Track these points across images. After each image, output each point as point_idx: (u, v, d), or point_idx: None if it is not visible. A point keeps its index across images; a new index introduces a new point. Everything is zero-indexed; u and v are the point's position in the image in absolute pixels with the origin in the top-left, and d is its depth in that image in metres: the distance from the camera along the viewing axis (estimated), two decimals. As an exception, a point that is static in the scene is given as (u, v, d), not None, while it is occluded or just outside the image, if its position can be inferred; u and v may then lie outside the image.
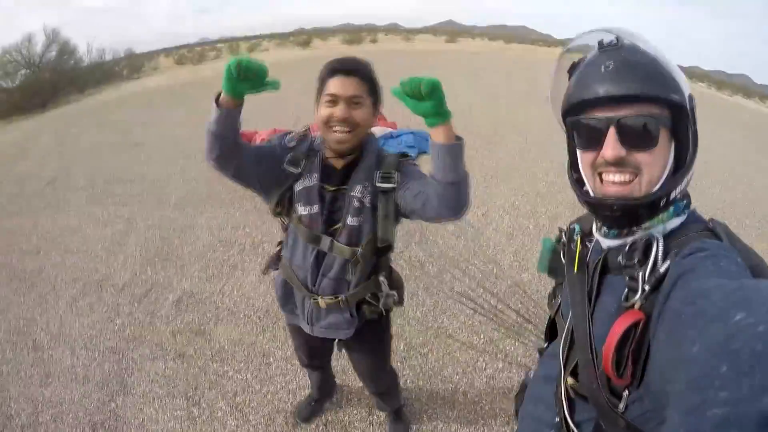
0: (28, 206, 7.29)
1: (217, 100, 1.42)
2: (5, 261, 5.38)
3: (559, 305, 1.16)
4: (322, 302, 1.71)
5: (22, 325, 4.10)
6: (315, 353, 2.19)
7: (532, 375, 1.28)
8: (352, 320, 1.78)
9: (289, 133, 1.71)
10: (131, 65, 33.91)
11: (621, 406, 0.81)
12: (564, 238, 1.13)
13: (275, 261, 1.93)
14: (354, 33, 41.54)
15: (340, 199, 1.62)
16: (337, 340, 1.91)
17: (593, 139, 0.86)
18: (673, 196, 0.85)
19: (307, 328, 1.85)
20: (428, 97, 1.22)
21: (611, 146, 0.82)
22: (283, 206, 1.68)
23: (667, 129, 0.83)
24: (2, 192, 8.29)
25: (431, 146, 1.36)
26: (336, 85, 1.50)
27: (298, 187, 1.62)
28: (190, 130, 10.26)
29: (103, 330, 3.80)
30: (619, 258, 0.87)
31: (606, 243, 0.96)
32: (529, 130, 9.33)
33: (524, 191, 6.11)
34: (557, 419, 1.01)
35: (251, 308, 3.76)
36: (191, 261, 4.64)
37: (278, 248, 1.92)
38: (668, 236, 0.84)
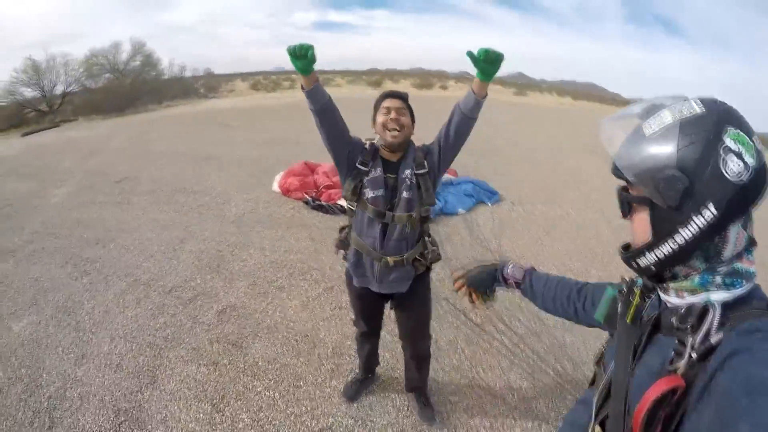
0: (95, 200, 8.17)
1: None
2: (66, 245, 6.09)
3: (602, 354, 1.23)
4: (390, 260, 2.38)
5: (69, 306, 4.61)
6: (373, 314, 2.85)
7: (561, 424, 1.33)
8: (410, 274, 2.48)
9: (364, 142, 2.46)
10: (208, 84, 37.00)
11: None
12: (625, 289, 1.16)
13: (344, 241, 2.58)
14: (424, 78, 43.01)
15: (396, 183, 2.33)
16: (389, 302, 2.70)
17: None
18: (643, 263, 0.96)
19: (375, 286, 2.49)
20: (496, 63, 2.02)
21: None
22: (355, 193, 2.34)
23: (643, 206, 0.94)
24: (74, 184, 9.34)
25: (471, 91, 2.19)
26: (388, 102, 2.35)
27: (367, 177, 2.32)
28: (257, 151, 11.14)
29: (144, 325, 4.18)
30: (673, 319, 0.90)
31: (665, 298, 1.00)
32: (589, 184, 9.45)
33: (578, 250, 6.12)
34: None
35: (291, 330, 3.99)
36: (240, 276, 4.99)
37: (343, 231, 2.60)
38: (727, 308, 0.86)
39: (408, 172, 2.32)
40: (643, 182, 0.90)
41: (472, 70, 2.07)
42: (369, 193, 2.31)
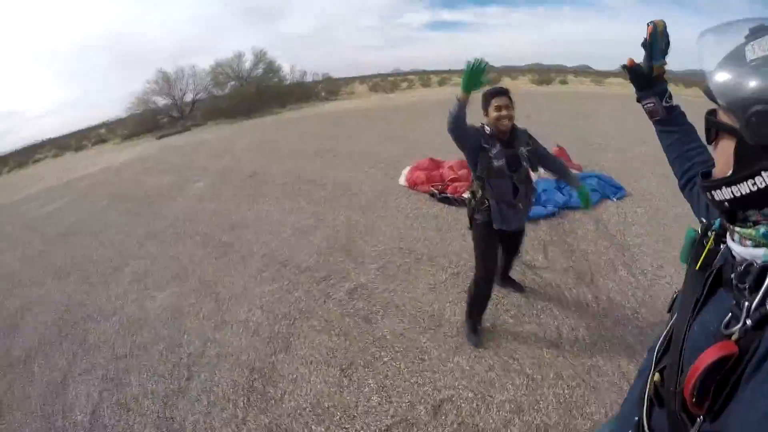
0: (228, 193, 9.30)
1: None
2: (205, 231, 7.04)
3: (674, 300, 1.21)
4: (521, 206, 3.44)
5: (209, 281, 5.34)
6: (496, 253, 3.73)
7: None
8: (527, 213, 3.64)
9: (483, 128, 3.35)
10: (328, 88, 39.37)
11: (692, 431, 0.87)
12: (700, 231, 1.12)
13: (481, 201, 3.45)
14: (543, 73, 41.74)
15: (511, 155, 3.31)
16: (509, 234, 3.60)
17: None
18: (718, 197, 0.92)
19: (512, 225, 3.45)
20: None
21: None
22: (483, 166, 3.31)
23: (731, 135, 0.89)
24: (208, 179, 10.61)
25: (569, 184, 3.72)
26: (498, 99, 3.23)
27: (491, 153, 3.28)
28: (382, 148, 11.80)
29: (280, 299, 4.73)
30: (733, 275, 0.89)
31: (730, 244, 0.96)
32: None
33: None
34: (636, 418, 1.12)
35: (418, 310, 4.26)
36: (370, 259, 5.41)
37: (475, 198, 3.50)
38: None
39: (522, 149, 3.35)
40: (733, 111, 0.86)
41: (592, 63, 1.98)
42: (495, 163, 3.29)
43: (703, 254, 1.03)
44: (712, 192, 0.93)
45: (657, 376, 1.04)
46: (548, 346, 3.65)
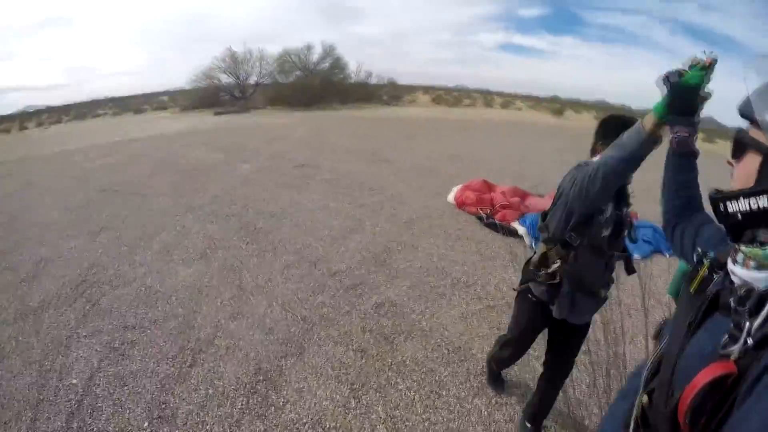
0: (275, 179, 9.23)
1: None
2: (242, 213, 6.92)
3: (661, 327, 1.20)
4: (603, 293, 2.54)
5: (236, 266, 5.17)
6: (532, 339, 2.89)
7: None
8: (604, 302, 2.69)
9: None
10: (391, 93, 39.66)
11: None
12: (695, 259, 1.16)
13: (550, 277, 2.54)
14: (607, 112, 41.61)
15: (619, 222, 2.39)
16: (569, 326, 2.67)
17: None
18: (730, 209, 0.93)
19: (580, 318, 2.57)
20: None
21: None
22: (584, 233, 2.36)
23: (758, 152, 0.92)
24: (257, 162, 10.61)
25: None
26: None
27: (603, 216, 2.32)
28: (436, 162, 11.66)
29: (303, 299, 4.52)
30: (732, 299, 0.89)
31: (731, 268, 0.97)
32: None
33: None
34: None
35: (444, 339, 3.99)
36: (404, 276, 5.15)
37: (545, 266, 2.55)
38: None
39: (626, 209, 2.43)
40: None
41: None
42: (604, 232, 2.35)
43: (698, 279, 1.07)
44: (726, 203, 0.94)
45: (645, 398, 1.04)
46: (577, 405, 3.31)
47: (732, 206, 0.93)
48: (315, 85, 34.45)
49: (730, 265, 0.97)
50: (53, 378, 3.46)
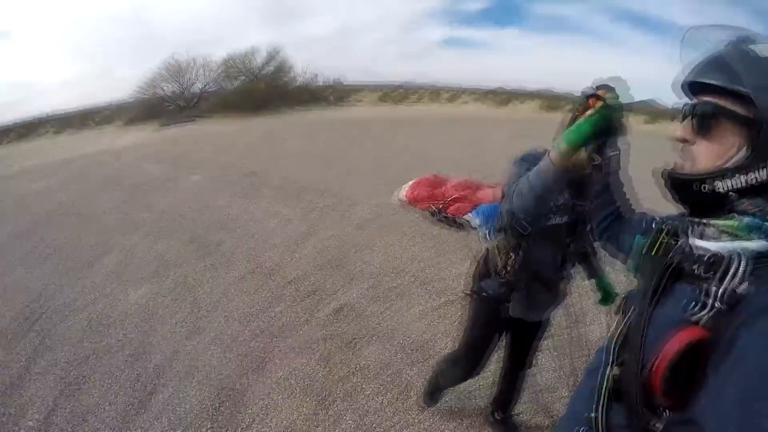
0: (224, 189, 9.01)
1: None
2: (192, 226, 6.74)
3: (624, 301, 1.20)
4: (561, 287, 2.44)
5: (189, 283, 5.03)
6: (491, 347, 2.71)
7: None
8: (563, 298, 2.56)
9: None
10: (338, 93, 39.55)
11: (659, 425, 0.86)
12: (654, 228, 1.17)
13: (503, 273, 2.43)
14: (552, 100, 42.20)
15: (579, 211, 2.17)
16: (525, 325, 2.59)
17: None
18: (720, 188, 0.91)
19: (536, 315, 2.50)
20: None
21: (681, 127, 0.97)
22: None
23: (735, 125, 0.90)
24: (205, 173, 10.36)
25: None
26: None
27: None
28: (385, 160, 11.63)
29: (261, 311, 4.42)
30: (695, 267, 0.91)
31: (694, 242, 0.98)
32: None
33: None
34: (593, 414, 1.05)
35: (407, 339, 3.96)
36: (361, 278, 5.11)
37: (498, 262, 2.43)
38: (755, 259, 0.85)
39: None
40: (761, 99, 0.85)
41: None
42: (553, 220, 2.19)
43: (659, 244, 1.08)
44: (715, 182, 0.91)
45: (616, 370, 1.01)
46: (545, 389, 3.36)
47: (723, 184, 0.91)
48: (261, 90, 33.94)
49: (693, 241, 0.98)
50: (8, 423, 3.30)
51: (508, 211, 1.92)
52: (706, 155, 0.94)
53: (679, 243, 1.05)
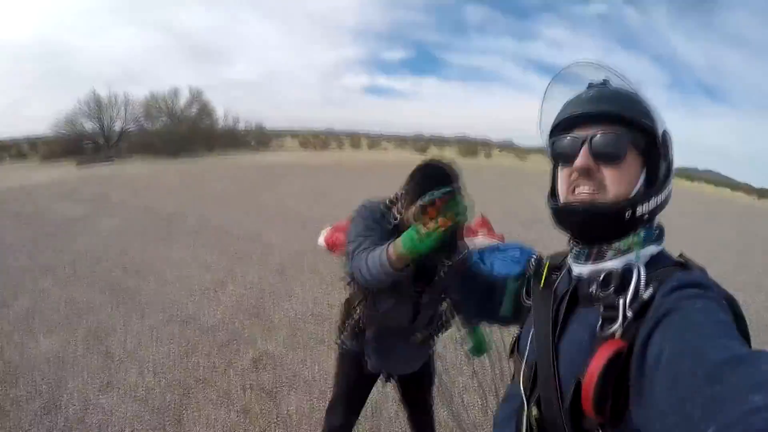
0: (141, 233, 8.78)
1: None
2: (107, 272, 6.48)
3: (515, 344, 1.20)
4: (419, 337, 2.24)
5: (102, 332, 4.81)
6: (361, 400, 2.62)
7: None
8: (427, 352, 2.48)
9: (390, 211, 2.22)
10: (259, 138, 39.74)
11: None
12: (530, 272, 1.21)
13: (353, 326, 2.34)
14: (470, 145, 44.19)
15: (427, 263, 2.05)
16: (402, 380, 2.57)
17: (570, 156, 0.99)
18: (639, 212, 0.93)
19: (398, 368, 2.41)
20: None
21: (582, 157, 0.97)
22: None
23: (637, 150, 0.95)
24: (123, 215, 10.09)
25: None
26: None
27: None
28: (305, 205, 11.79)
29: (176, 362, 4.27)
30: (592, 288, 0.94)
31: (578, 269, 1.02)
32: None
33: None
34: None
35: (329, 386, 3.90)
36: (280, 325, 5.06)
37: (349, 313, 2.36)
38: (648, 265, 0.91)
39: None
40: (648, 119, 0.95)
41: (517, 139, 1.61)
42: None
43: (543, 278, 1.13)
44: (637, 207, 0.93)
45: (534, 411, 1.00)
46: (472, 428, 3.41)
47: (642, 208, 0.93)
48: (183, 132, 33.41)
49: (579, 269, 1.02)
50: None
51: (348, 270, 1.96)
52: (618, 182, 0.95)
53: (562, 274, 1.11)
